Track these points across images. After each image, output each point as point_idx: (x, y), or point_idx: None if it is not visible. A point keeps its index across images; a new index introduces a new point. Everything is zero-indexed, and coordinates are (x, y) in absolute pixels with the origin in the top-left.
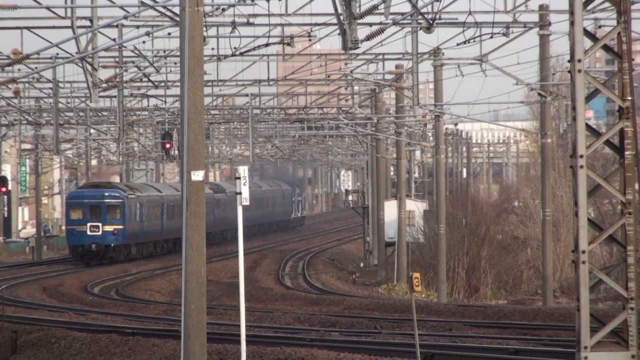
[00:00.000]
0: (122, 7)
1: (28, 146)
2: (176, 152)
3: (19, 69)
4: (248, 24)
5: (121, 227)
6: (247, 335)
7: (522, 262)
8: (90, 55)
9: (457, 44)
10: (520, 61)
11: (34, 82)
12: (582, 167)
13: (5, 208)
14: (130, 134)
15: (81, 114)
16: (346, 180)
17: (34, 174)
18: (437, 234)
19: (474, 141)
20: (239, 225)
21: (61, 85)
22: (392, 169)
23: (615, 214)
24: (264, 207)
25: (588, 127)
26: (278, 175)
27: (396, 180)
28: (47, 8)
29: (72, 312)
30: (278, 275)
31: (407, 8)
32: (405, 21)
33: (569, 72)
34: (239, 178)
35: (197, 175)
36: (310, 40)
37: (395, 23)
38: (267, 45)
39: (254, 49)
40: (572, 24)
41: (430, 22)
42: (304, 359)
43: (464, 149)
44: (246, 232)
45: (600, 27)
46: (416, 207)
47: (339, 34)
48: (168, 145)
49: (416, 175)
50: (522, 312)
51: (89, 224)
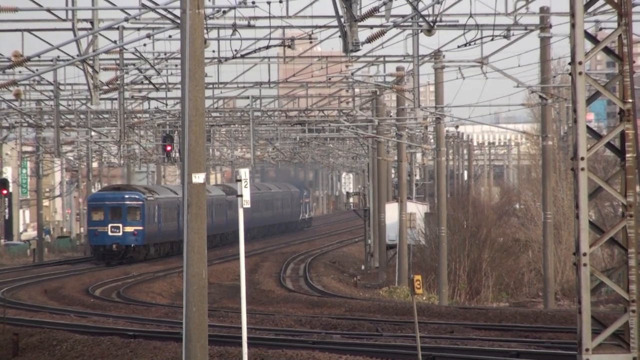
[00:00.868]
0: (123, 10)
1: (29, 148)
2: (177, 154)
3: (19, 72)
4: (249, 26)
5: (141, 228)
6: (248, 338)
7: (523, 264)
8: (91, 58)
9: (458, 47)
10: (521, 63)
11: (34, 84)
12: (583, 169)
13: (6, 210)
14: (131, 137)
15: (82, 116)
16: (347, 183)
17: (34, 177)
18: (438, 237)
19: (474, 143)
20: (240, 227)
21: (62, 87)
22: (393, 171)
23: (616, 216)
24: (273, 208)
25: (589, 129)
26: (287, 177)
27: (397, 183)
28: (48, 10)
29: (73, 314)
30: (279, 277)
31: (408, 10)
32: (406, 23)
33: (570, 74)
34: (240, 180)
35: (198, 178)
36: (311, 42)
37: (396, 25)
38: (268, 47)
39: (254, 51)
40: (573, 26)
41: (431, 24)
42: None
43: (465, 151)
44: (256, 232)
45: (601, 29)
46: (417, 209)
47: (339, 36)
48: (169, 148)
49: (417, 177)
50: (524, 314)
51: (110, 225)
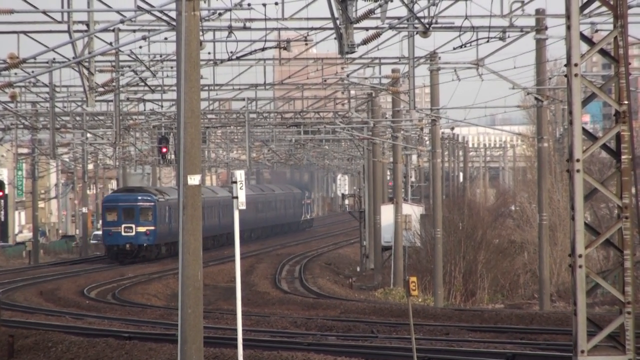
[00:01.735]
0: (118, 12)
1: (25, 150)
2: (172, 156)
3: (15, 73)
4: (244, 28)
5: (153, 228)
6: (243, 340)
7: (519, 266)
8: (87, 60)
9: (454, 48)
10: (516, 65)
11: (30, 86)
12: (578, 171)
13: (2, 212)
14: (127, 138)
15: (78, 118)
16: (342, 185)
17: (30, 178)
18: (434, 238)
19: (470, 145)
20: (236, 229)
21: (58, 89)
22: (388, 173)
23: (612, 218)
24: (277, 209)
25: (585, 131)
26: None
27: (393, 185)
28: (44, 12)
29: (69, 316)
30: (275, 279)
31: (403, 12)
32: (401, 25)
33: (566, 76)
34: (235, 182)
35: (194, 180)
36: (306, 44)
37: (391, 27)
38: (263, 49)
39: (250, 53)
40: (568, 28)
41: (427, 26)
42: None
43: (461, 153)
44: (260, 233)
45: (597, 31)
46: (413, 211)
47: (335, 38)
48: (164, 150)
49: (413, 179)
50: (519, 316)
51: (123, 225)
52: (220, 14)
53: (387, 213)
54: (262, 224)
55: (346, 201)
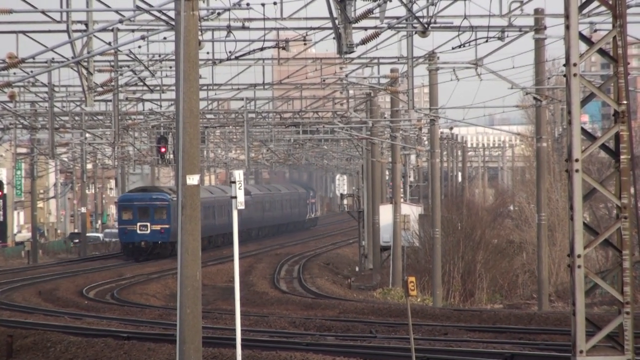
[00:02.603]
0: (117, 11)
1: (23, 150)
2: (171, 156)
3: (14, 73)
4: (243, 28)
5: (167, 226)
6: (242, 340)
7: (518, 266)
8: (86, 60)
9: (453, 48)
10: (515, 65)
11: (29, 86)
12: (577, 171)
13: (1, 212)
14: (126, 138)
15: (76, 118)
16: (341, 184)
17: (29, 178)
18: (433, 238)
19: (469, 145)
20: (234, 229)
21: (56, 89)
22: (387, 173)
23: (610, 218)
24: (283, 208)
25: (583, 131)
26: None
27: (391, 184)
28: (43, 12)
29: (67, 316)
30: (273, 279)
31: (402, 12)
32: (400, 25)
33: (565, 76)
34: (234, 182)
35: (193, 180)
36: (305, 44)
37: (390, 27)
38: (262, 49)
39: (249, 52)
40: (567, 27)
41: (426, 26)
42: None
43: (459, 153)
44: (267, 231)
45: (595, 31)
46: (411, 211)
47: (334, 38)
48: (163, 149)
49: (411, 179)
50: (518, 316)
51: (138, 224)
52: (219, 14)
53: (385, 213)
54: (269, 223)
55: (345, 201)
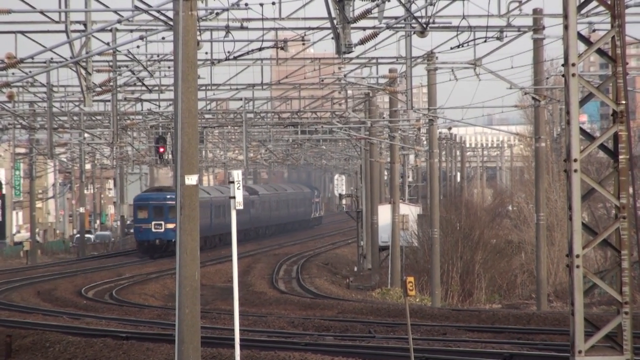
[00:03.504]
0: (116, 12)
1: (22, 150)
2: (170, 156)
3: (13, 73)
4: (242, 28)
5: None
6: (241, 340)
7: (516, 266)
8: (84, 60)
9: (451, 48)
10: (514, 65)
11: (28, 86)
12: (576, 171)
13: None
14: (124, 138)
15: (75, 118)
16: (340, 185)
17: (28, 178)
18: (431, 238)
19: (467, 145)
20: (233, 229)
21: (55, 89)
22: (385, 173)
23: (609, 218)
24: (289, 207)
25: (582, 131)
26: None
27: (390, 184)
28: (41, 12)
29: (66, 316)
30: (272, 279)
31: (400, 12)
32: (399, 25)
33: (563, 76)
34: (232, 182)
35: (191, 180)
36: (304, 44)
37: (389, 27)
38: (260, 49)
39: (247, 53)
40: (566, 27)
41: (424, 26)
42: None
43: (458, 153)
44: (274, 230)
45: (594, 31)
46: (410, 211)
47: (332, 38)
48: (162, 150)
49: (410, 179)
50: (516, 316)
51: (153, 222)
52: (217, 14)
53: (384, 213)
54: (276, 222)
55: (343, 201)
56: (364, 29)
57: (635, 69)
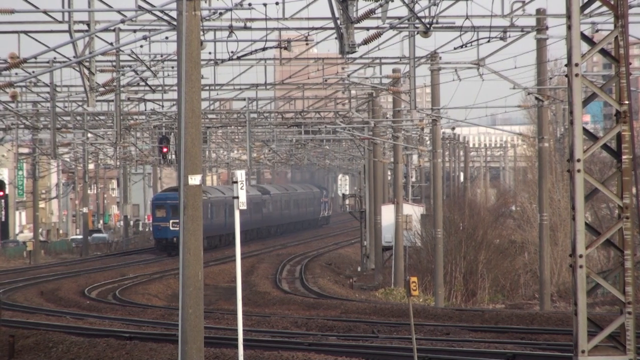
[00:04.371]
0: (119, 12)
1: (25, 150)
2: (173, 156)
3: (16, 73)
4: (245, 28)
5: None
6: (244, 340)
7: (520, 266)
8: (88, 60)
9: (454, 48)
10: (517, 65)
11: (31, 86)
12: (579, 171)
13: (3, 212)
14: (128, 138)
15: (78, 118)
16: (343, 185)
17: (31, 178)
18: (435, 238)
19: (471, 145)
20: (236, 229)
21: (58, 89)
22: (389, 173)
23: (612, 218)
24: (299, 207)
25: (585, 131)
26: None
27: (393, 185)
28: (45, 12)
29: (69, 316)
30: (275, 279)
31: (404, 12)
32: (402, 25)
33: (566, 76)
34: (236, 182)
35: (195, 180)
36: (307, 44)
37: (392, 27)
38: (264, 49)
39: (251, 53)
40: (569, 28)
41: (428, 26)
42: None
43: (461, 153)
44: (285, 228)
45: (597, 31)
46: (413, 211)
47: (336, 38)
48: (165, 150)
49: (413, 179)
50: (520, 316)
51: (171, 221)
52: (221, 14)
53: (387, 213)
54: (287, 220)
55: (347, 201)
56: (367, 29)
57: (639, 69)
